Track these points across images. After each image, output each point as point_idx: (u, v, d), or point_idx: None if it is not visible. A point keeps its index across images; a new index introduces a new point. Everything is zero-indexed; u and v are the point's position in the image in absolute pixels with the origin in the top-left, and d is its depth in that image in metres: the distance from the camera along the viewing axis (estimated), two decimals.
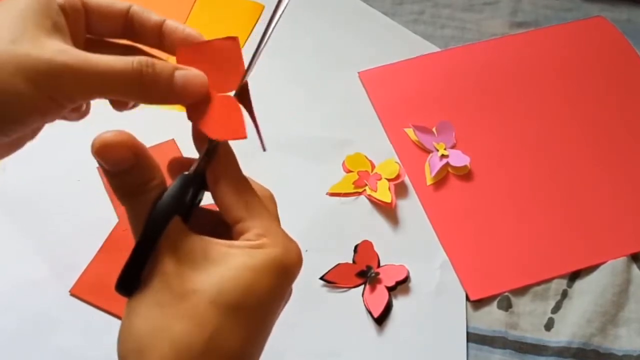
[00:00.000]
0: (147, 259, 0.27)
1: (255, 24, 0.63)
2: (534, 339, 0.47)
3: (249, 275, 0.26)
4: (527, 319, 0.48)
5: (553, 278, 0.50)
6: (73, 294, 0.47)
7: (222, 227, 0.29)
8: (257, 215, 0.28)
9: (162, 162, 0.30)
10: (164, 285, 0.26)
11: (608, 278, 0.49)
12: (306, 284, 0.48)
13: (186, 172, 0.28)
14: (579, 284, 0.50)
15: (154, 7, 0.71)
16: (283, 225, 0.52)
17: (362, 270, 0.49)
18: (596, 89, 0.61)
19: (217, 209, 0.29)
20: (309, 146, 0.55)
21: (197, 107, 0.29)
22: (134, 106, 0.33)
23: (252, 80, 0.67)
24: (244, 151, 0.56)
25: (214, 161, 0.29)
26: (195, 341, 0.25)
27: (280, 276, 0.27)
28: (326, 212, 0.52)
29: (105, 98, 0.29)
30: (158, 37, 0.31)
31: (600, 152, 0.57)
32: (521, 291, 0.49)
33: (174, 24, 0.31)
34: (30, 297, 0.46)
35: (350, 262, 0.49)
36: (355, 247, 0.50)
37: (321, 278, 0.48)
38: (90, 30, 0.31)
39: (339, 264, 0.49)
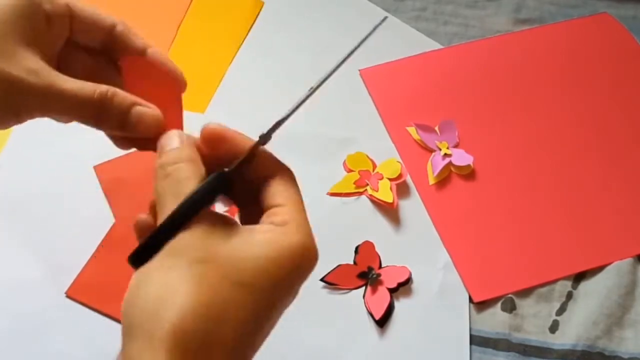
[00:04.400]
0: (166, 240, 0.26)
1: (254, 21, 0.62)
2: (538, 341, 0.47)
3: (267, 258, 0.26)
4: (532, 321, 0.47)
5: (558, 279, 0.49)
6: (69, 295, 0.46)
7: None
8: (293, 204, 0.29)
9: None
10: (181, 253, 0.26)
11: (614, 279, 0.49)
12: (306, 285, 0.47)
13: (225, 169, 0.29)
14: (584, 286, 0.49)
15: (152, 4, 0.70)
16: None
17: (364, 272, 0.48)
18: (602, 87, 0.60)
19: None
20: (309, 145, 0.55)
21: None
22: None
23: (251, 79, 0.67)
24: None
25: (265, 154, 0.31)
26: (200, 306, 0.24)
27: (296, 267, 0.28)
28: (327, 212, 0.51)
29: (64, 121, 0.31)
30: None
31: (606, 151, 0.56)
32: (525, 293, 0.48)
33: (158, 56, 0.33)
34: (26, 299, 0.46)
35: (351, 263, 0.49)
36: (357, 248, 0.49)
37: (322, 279, 0.48)
38: (71, 36, 0.32)
39: (339, 265, 0.48)
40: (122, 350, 0.24)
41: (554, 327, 0.47)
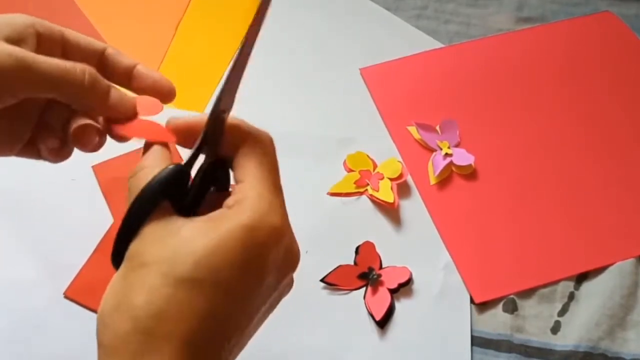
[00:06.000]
0: (131, 237, 0.27)
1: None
2: (540, 342, 0.46)
3: (205, 249, 0.26)
4: (533, 322, 0.47)
5: (560, 280, 0.49)
6: (67, 296, 0.46)
7: None
8: (251, 178, 0.28)
9: None
10: (129, 258, 0.27)
11: (616, 280, 0.48)
12: (307, 286, 0.47)
13: (181, 163, 0.29)
14: (586, 286, 0.49)
15: (151, 3, 0.70)
16: None
17: (364, 272, 0.48)
18: (604, 86, 0.60)
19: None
20: (309, 145, 0.54)
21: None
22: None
23: (251, 78, 0.66)
24: None
25: (232, 127, 0.30)
26: (145, 314, 0.25)
27: (244, 249, 0.26)
28: (327, 213, 0.51)
29: (47, 97, 0.31)
30: (127, 79, 0.34)
31: (608, 150, 0.56)
32: (527, 293, 0.48)
33: (144, 70, 0.34)
34: (24, 299, 0.45)
35: (352, 263, 0.48)
36: (357, 248, 0.49)
37: (322, 280, 0.47)
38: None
39: (340, 266, 0.48)
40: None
41: (555, 328, 0.47)
